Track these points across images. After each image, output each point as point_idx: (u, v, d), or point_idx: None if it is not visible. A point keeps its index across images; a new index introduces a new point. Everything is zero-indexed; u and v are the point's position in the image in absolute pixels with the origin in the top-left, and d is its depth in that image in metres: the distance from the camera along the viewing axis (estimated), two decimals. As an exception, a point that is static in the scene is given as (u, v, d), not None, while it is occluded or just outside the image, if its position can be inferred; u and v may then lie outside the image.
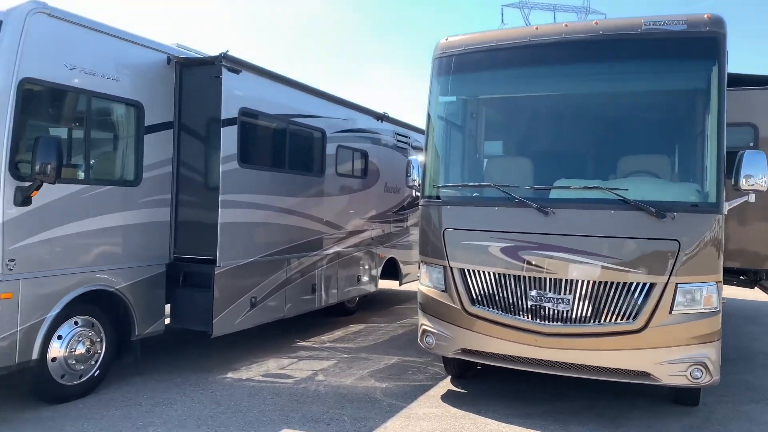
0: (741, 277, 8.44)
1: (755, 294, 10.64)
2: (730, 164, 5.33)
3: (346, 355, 7.87)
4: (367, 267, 10.33)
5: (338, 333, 9.29)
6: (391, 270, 11.29)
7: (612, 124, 6.06)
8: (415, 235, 12.05)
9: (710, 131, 5.39)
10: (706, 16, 5.53)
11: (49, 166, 5.12)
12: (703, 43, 5.52)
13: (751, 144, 7.17)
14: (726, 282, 8.78)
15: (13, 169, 5.15)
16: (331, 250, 9.16)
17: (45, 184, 5.26)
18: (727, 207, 5.36)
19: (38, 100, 5.50)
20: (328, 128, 9.01)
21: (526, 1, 71.15)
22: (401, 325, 10.03)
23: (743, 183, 5.28)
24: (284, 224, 7.99)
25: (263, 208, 7.57)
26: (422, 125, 12.14)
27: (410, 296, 13.19)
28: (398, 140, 11.39)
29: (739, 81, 7.27)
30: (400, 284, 11.86)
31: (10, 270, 5.15)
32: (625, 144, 5.98)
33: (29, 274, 5.31)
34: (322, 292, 8.95)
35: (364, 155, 10.20)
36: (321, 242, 8.88)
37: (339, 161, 9.35)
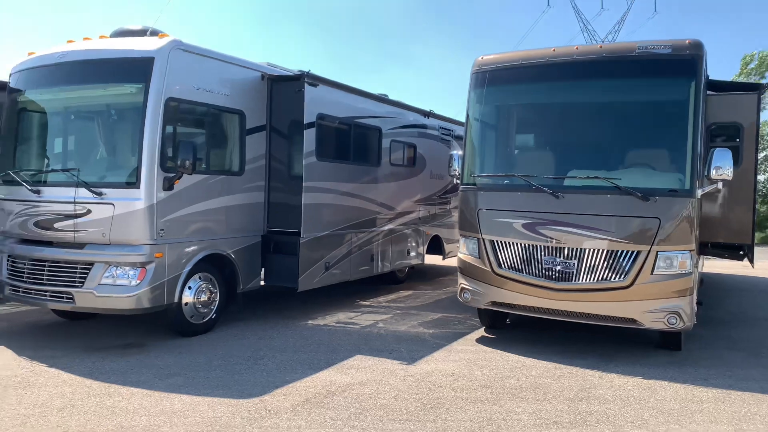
0: (738, 252, 9.78)
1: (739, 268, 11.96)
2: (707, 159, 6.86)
3: (399, 312, 9.70)
4: (415, 242, 12.13)
5: (392, 296, 11.12)
6: (436, 246, 13.05)
7: (611, 127, 7.63)
8: (456, 216, 13.76)
9: (688, 132, 6.92)
10: (687, 41, 7.05)
11: (188, 161, 7.05)
12: (684, 63, 7.03)
13: (738, 139, 8.59)
14: (718, 255, 10.19)
15: (162, 164, 7.11)
16: (386, 227, 10.98)
17: (184, 175, 7.22)
18: (700, 192, 6.89)
19: (176, 113, 7.43)
20: (383, 126, 10.79)
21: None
22: (444, 292, 11.81)
23: (714, 174, 6.82)
24: (349, 205, 9.86)
25: (333, 192, 9.43)
26: (460, 118, 13.83)
27: (452, 269, 14.84)
28: (443, 133, 13.08)
29: (726, 87, 8.72)
30: (443, 258, 13.63)
31: (161, 237, 7.14)
32: (621, 142, 7.57)
33: (172, 240, 7.30)
34: (378, 262, 10.81)
35: (413, 147, 11.95)
36: (377, 220, 10.72)
37: (392, 153, 11.14)
